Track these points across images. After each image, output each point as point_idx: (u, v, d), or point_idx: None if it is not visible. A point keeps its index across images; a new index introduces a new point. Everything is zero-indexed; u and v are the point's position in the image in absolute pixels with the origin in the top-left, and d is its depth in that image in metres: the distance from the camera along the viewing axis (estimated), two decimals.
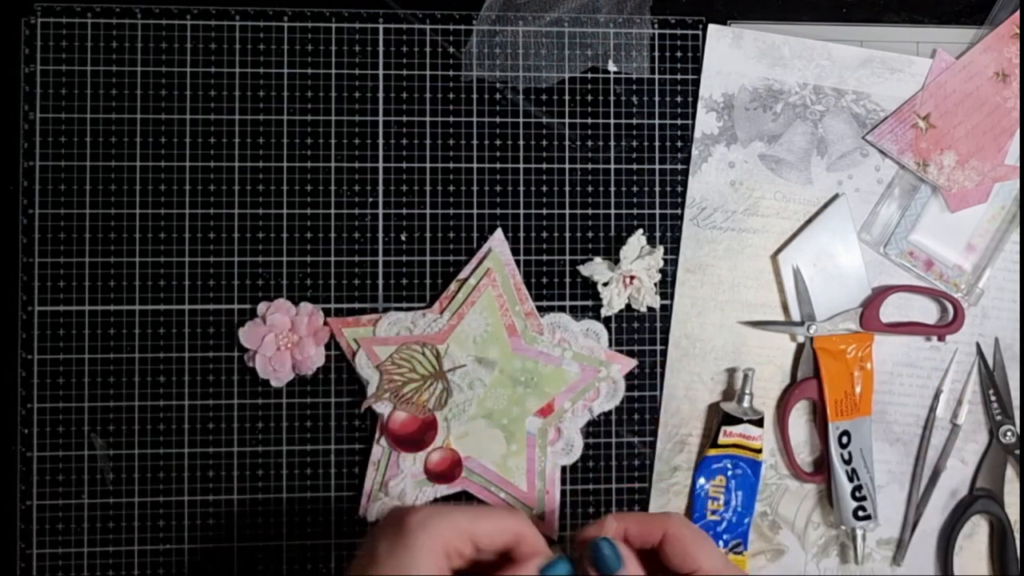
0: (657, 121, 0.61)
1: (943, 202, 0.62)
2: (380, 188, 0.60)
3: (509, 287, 0.59)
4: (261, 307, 0.58)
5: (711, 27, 0.61)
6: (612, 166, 0.61)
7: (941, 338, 0.61)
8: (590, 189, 0.61)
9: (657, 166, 0.61)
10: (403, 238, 0.60)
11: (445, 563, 0.42)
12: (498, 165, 0.60)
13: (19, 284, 0.58)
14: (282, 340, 0.57)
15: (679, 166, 0.61)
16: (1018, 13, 0.61)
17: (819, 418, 0.60)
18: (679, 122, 0.61)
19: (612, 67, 0.61)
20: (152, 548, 0.58)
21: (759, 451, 0.59)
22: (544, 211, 0.61)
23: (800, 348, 0.61)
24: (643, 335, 0.61)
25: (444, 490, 0.59)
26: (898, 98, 0.62)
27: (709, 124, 0.61)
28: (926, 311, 0.62)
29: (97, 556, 0.58)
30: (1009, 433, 0.61)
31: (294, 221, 0.59)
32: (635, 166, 0.61)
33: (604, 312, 0.59)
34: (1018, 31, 0.61)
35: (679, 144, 0.61)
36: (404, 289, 0.60)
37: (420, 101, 0.60)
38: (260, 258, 0.59)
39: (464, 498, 0.59)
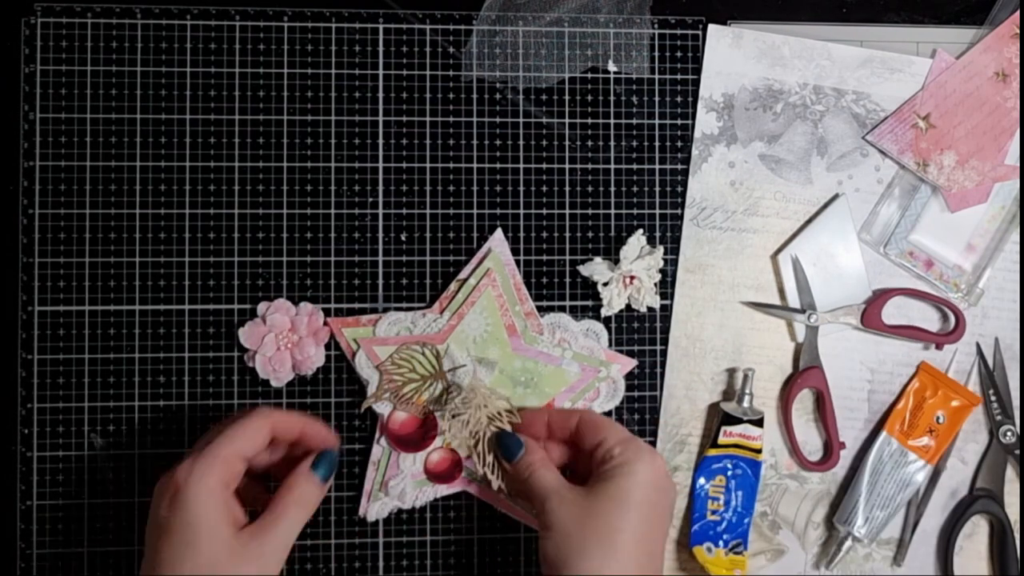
0: (657, 121, 0.61)
1: (943, 202, 0.62)
2: (380, 188, 0.60)
3: (509, 287, 0.59)
4: (261, 307, 0.58)
5: (711, 27, 0.61)
6: (612, 166, 0.61)
7: (939, 346, 0.61)
8: (590, 189, 0.61)
9: (657, 166, 0.61)
10: (403, 238, 0.60)
11: (223, 497, 0.46)
12: (498, 165, 0.60)
13: (19, 284, 0.58)
14: (282, 340, 0.57)
15: (679, 166, 0.61)
16: (1018, 13, 0.61)
17: (825, 407, 0.60)
18: (679, 122, 0.62)
19: (612, 67, 0.61)
20: None
21: (759, 451, 0.59)
22: (544, 211, 0.61)
23: (799, 347, 0.61)
24: (643, 335, 0.61)
25: (444, 490, 0.59)
26: (898, 98, 0.62)
27: (709, 124, 0.61)
28: (927, 314, 0.62)
29: (97, 556, 0.58)
30: (1009, 433, 0.61)
31: (294, 221, 0.59)
32: (635, 166, 0.61)
33: (604, 312, 0.59)
34: (1018, 31, 0.61)
35: (679, 144, 0.61)
36: (404, 289, 0.60)
37: (420, 101, 0.60)
38: (260, 258, 0.59)
39: (464, 497, 0.59)
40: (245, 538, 0.45)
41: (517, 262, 0.60)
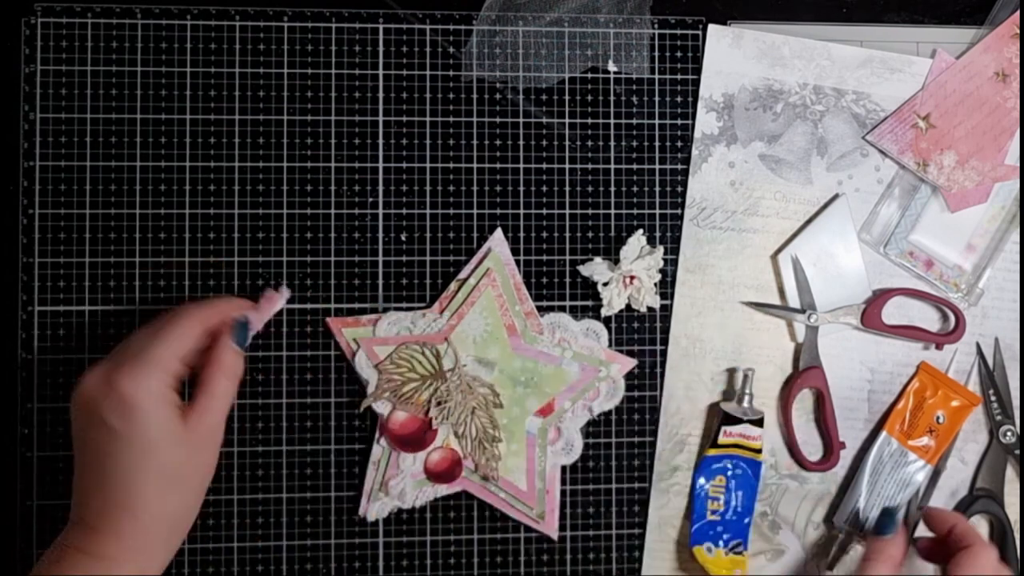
0: (657, 121, 0.61)
1: (943, 202, 0.62)
2: (380, 188, 0.60)
3: (509, 287, 0.59)
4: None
5: (711, 27, 0.61)
6: (612, 166, 0.61)
7: (939, 347, 0.61)
8: (590, 189, 0.61)
9: (657, 166, 0.61)
10: (403, 238, 0.60)
11: (171, 399, 0.48)
12: (498, 165, 0.60)
13: (19, 284, 0.58)
14: None
15: (679, 166, 0.61)
16: (1018, 13, 0.61)
17: (825, 407, 0.60)
18: (679, 122, 0.62)
19: (612, 67, 0.61)
20: None
21: (759, 451, 0.59)
22: (544, 211, 0.61)
23: (799, 347, 0.61)
24: (643, 335, 0.61)
25: (444, 490, 0.59)
26: (898, 98, 0.62)
27: (709, 124, 0.61)
28: (927, 314, 0.62)
29: None
30: (1009, 433, 0.61)
31: (294, 221, 0.59)
32: (635, 166, 0.61)
33: (604, 312, 0.59)
34: (1018, 31, 0.61)
35: (679, 144, 0.61)
36: (404, 289, 0.60)
37: (420, 101, 0.60)
38: (260, 258, 0.59)
39: (464, 497, 0.59)
40: (193, 424, 0.48)
41: (517, 262, 0.60)
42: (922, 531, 0.62)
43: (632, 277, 0.59)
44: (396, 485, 0.58)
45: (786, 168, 0.62)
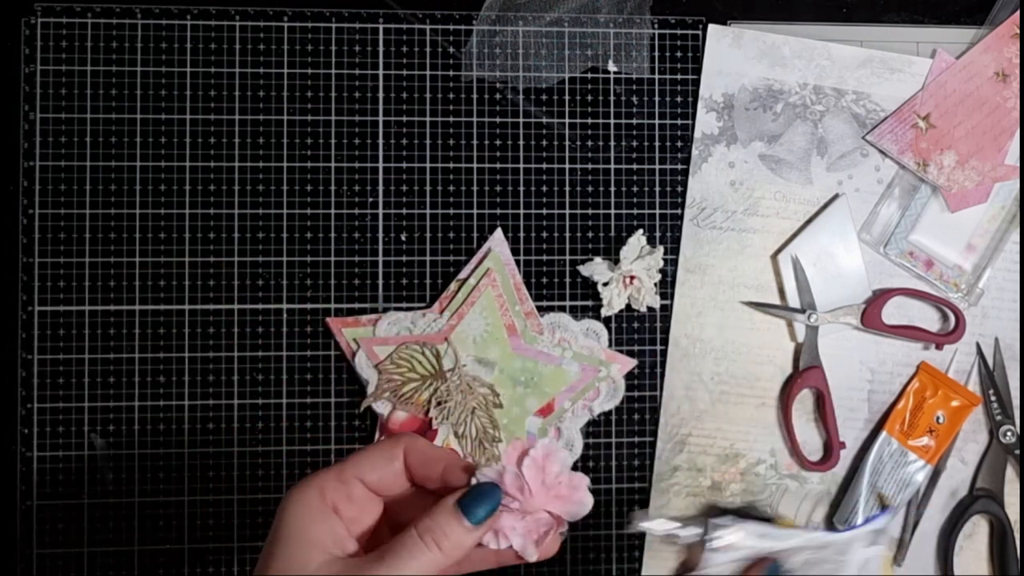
0: (657, 121, 0.61)
1: (943, 202, 0.62)
2: (380, 188, 0.60)
3: (509, 287, 0.59)
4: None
5: (711, 27, 0.61)
6: (612, 166, 0.61)
7: (939, 346, 0.61)
8: (590, 189, 0.61)
9: (657, 166, 0.61)
10: (403, 238, 0.60)
11: (319, 509, 0.38)
12: (498, 165, 0.60)
13: (19, 284, 0.58)
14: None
15: (679, 166, 0.61)
16: (1018, 13, 0.61)
17: (825, 407, 0.60)
18: (679, 122, 0.62)
19: (612, 67, 0.61)
20: (152, 548, 0.58)
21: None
22: (544, 211, 0.61)
23: (799, 347, 0.61)
24: (643, 335, 0.61)
25: None
26: (898, 98, 0.62)
27: (709, 124, 0.61)
28: (927, 314, 0.62)
29: (97, 556, 0.58)
30: (1009, 433, 0.61)
31: (294, 221, 0.59)
32: (635, 166, 0.61)
33: (604, 312, 0.59)
34: (1018, 31, 0.61)
35: (679, 144, 0.61)
36: (404, 289, 0.60)
37: (420, 101, 0.60)
38: (260, 258, 0.59)
39: None
40: (338, 565, 0.37)
41: (517, 262, 0.60)
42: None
43: (632, 277, 0.59)
44: None
45: (786, 168, 0.62)
